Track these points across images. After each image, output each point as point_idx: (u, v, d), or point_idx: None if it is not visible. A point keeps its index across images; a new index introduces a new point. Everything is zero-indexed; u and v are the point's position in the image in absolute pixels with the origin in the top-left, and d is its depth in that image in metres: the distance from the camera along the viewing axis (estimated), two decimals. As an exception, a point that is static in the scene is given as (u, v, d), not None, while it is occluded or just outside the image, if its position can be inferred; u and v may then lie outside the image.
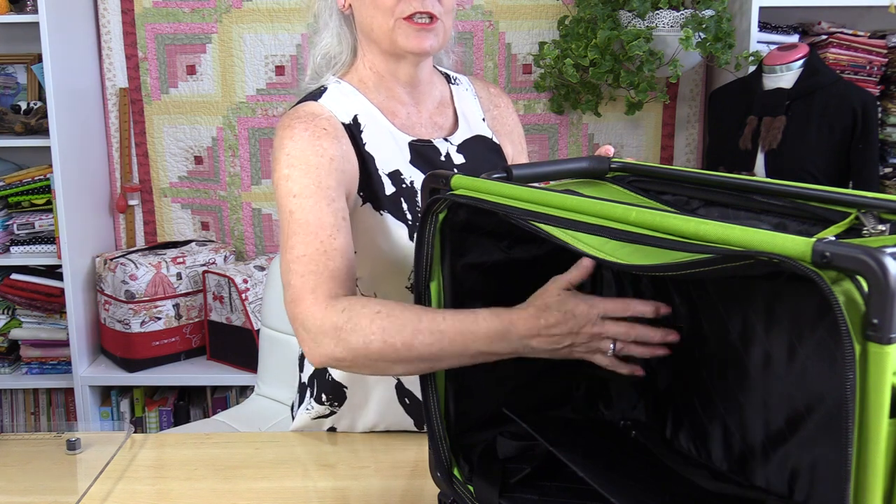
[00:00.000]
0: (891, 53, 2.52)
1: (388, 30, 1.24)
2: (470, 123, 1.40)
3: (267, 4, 2.89)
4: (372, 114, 1.30)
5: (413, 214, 1.27)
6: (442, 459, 1.02)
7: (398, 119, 1.32)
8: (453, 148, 1.35)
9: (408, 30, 1.23)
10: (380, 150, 1.28)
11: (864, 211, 0.75)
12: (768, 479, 0.87)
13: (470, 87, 1.45)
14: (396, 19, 1.23)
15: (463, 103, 1.41)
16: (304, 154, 1.18)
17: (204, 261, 2.89)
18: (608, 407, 1.10)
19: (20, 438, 1.43)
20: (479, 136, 1.39)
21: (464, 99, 1.42)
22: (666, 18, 2.47)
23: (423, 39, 1.24)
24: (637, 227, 0.74)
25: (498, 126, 1.45)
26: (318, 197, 1.16)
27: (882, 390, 0.55)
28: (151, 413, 2.92)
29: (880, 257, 0.54)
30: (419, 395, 1.34)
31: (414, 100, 1.35)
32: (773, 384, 0.84)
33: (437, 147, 1.33)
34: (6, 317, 2.95)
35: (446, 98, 1.41)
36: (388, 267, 1.28)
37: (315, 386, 1.41)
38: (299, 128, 1.21)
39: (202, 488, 1.24)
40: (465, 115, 1.40)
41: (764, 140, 2.35)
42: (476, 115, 1.42)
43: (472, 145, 1.38)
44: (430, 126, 1.36)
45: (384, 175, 1.28)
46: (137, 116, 3.00)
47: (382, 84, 1.32)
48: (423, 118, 1.35)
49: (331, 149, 1.20)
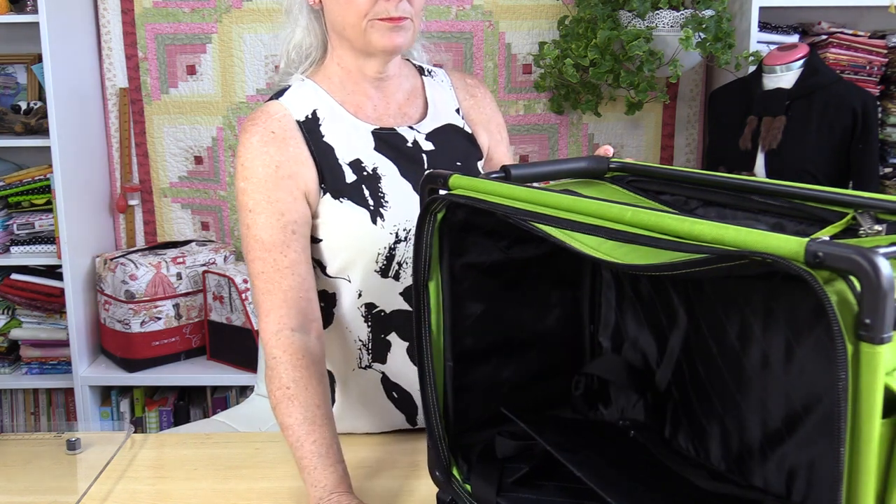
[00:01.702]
0: (891, 53, 2.52)
1: (361, 30, 1.27)
2: (441, 113, 1.42)
3: (267, 4, 2.90)
4: (332, 107, 1.34)
5: (375, 200, 1.31)
6: (441, 459, 1.02)
7: (362, 112, 1.36)
8: (421, 136, 1.37)
9: (381, 28, 1.26)
10: (339, 140, 1.32)
11: (860, 211, 0.75)
12: (766, 479, 0.87)
13: (446, 78, 1.47)
14: (369, 19, 1.26)
15: (435, 93, 1.44)
16: (254, 165, 1.27)
17: (204, 261, 2.89)
18: (607, 407, 1.10)
19: (20, 438, 1.44)
20: (451, 126, 1.42)
21: (436, 89, 1.44)
22: (666, 18, 2.47)
23: (394, 37, 1.27)
24: (632, 226, 0.74)
25: (474, 115, 1.47)
26: (269, 212, 1.26)
27: (874, 390, 0.55)
28: (151, 413, 2.92)
29: (872, 257, 0.55)
30: (406, 388, 1.35)
31: (381, 93, 1.38)
32: (771, 384, 0.84)
33: (401, 135, 1.36)
34: (6, 317, 2.95)
35: (417, 89, 1.43)
36: (355, 253, 1.31)
37: None
38: (250, 132, 1.29)
39: (202, 488, 1.24)
40: (435, 105, 1.42)
41: (764, 140, 2.35)
42: (449, 105, 1.44)
43: (443, 133, 1.40)
44: (397, 116, 1.39)
45: (344, 164, 1.31)
46: (137, 116, 3.00)
47: (349, 79, 1.36)
48: (391, 109, 1.38)
49: (277, 155, 1.28)
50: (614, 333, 1.10)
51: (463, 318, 1.02)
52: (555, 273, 1.07)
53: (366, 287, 1.33)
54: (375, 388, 1.38)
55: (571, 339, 1.12)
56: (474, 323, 1.03)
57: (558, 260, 1.06)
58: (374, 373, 1.37)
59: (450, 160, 1.38)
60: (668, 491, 0.90)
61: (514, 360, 1.07)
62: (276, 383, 1.19)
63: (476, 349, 1.04)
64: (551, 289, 1.09)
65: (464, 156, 1.40)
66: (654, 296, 1.02)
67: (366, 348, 1.36)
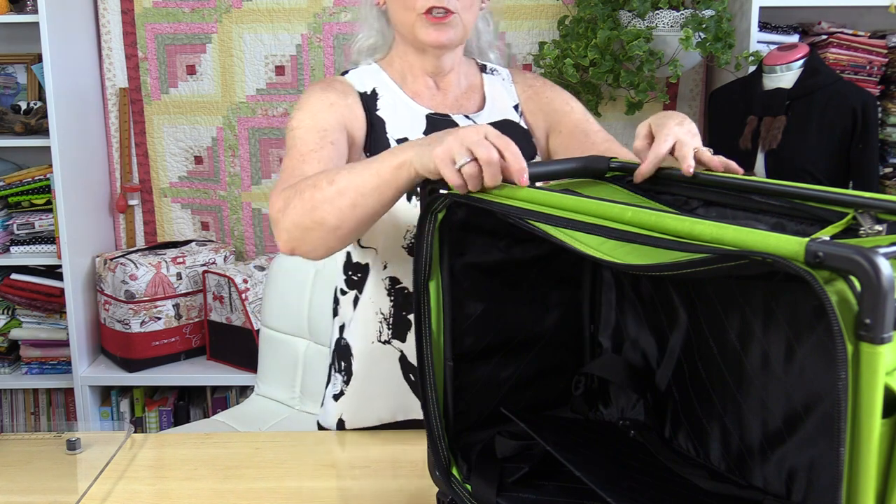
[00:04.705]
0: (891, 53, 2.52)
1: (410, 24, 1.33)
2: (498, 108, 1.43)
3: (267, 4, 2.90)
4: (392, 88, 1.39)
5: None
6: (440, 459, 1.02)
7: (419, 97, 1.40)
8: None
9: (426, 24, 1.31)
10: (393, 117, 1.36)
11: (861, 211, 0.75)
12: (766, 479, 0.87)
13: (508, 76, 1.49)
14: (417, 14, 1.31)
15: (494, 89, 1.46)
16: (310, 101, 1.33)
17: (204, 261, 2.89)
18: (607, 407, 1.10)
19: (20, 438, 1.44)
20: (508, 121, 1.43)
21: (495, 86, 1.46)
22: (666, 18, 2.47)
23: (440, 33, 1.31)
24: (633, 226, 0.74)
25: (533, 105, 1.47)
26: (310, 127, 1.29)
27: (874, 390, 0.55)
28: (151, 413, 2.92)
29: (873, 257, 0.55)
30: None
31: (439, 86, 1.42)
32: (771, 384, 0.84)
33: (455, 122, 1.38)
34: (6, 317, 2.95)
35: (476, 85, 1.46)
36: (385, 225, 1.32)
37: (335, 358, 1.45)
38: (312, 86, 1.37)
39: (202, 488, 1.24)
40: (493, 100, 1.44)
41: (764, 140, 2.35)
42: (508, 101, 1.45)
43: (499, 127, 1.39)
44: (454, 106, 1.42)
45: (392, 140, 1.34)
46: (137, 116, 3.00)
47: (410, 72, 1.41)
48: (449, 101, 1.42)
49: (333, 97, 1.33)
50: (614, 333, 1.10)
51: (463, 318, 1.02)
52: (555, 273, 1.07)
53: (392, 261, 1.34)
54: (393, 367, 1.38)
55: (571, 339, 1.12)
56: (474, 323, 1.03)
57: (558, 260, 1.06)
58: (392, 350, 1.38)
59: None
60: (668, 491, 0.90)
61: (513, 360, 1.07)
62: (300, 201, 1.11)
63: (476, 349, 1.04)
64: (551, 289, 1.09)
65: None
66: (655, 296, 1.02)
67: (386, 322, 1.37)
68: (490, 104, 1.43)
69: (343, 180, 1.08)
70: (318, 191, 1.09)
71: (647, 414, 1.04)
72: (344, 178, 1.08)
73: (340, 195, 1.07)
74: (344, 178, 1.08)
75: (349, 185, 1.07)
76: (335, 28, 2.91)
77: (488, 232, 1.02)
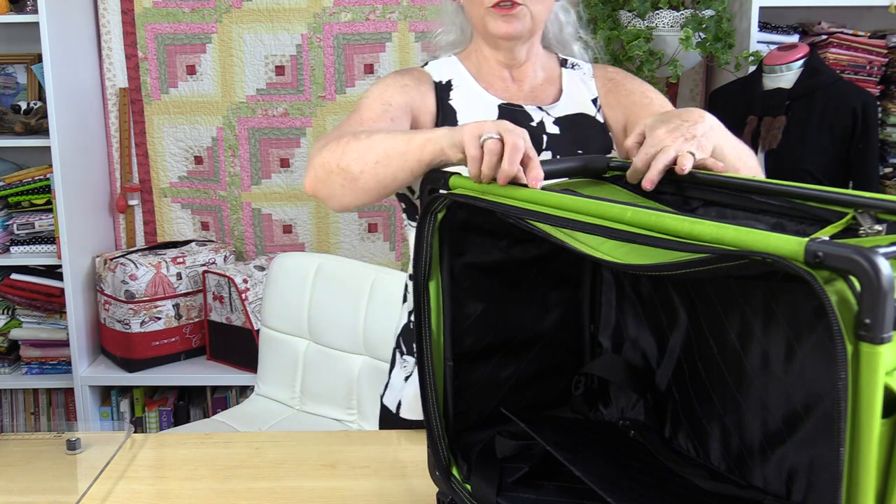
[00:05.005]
0: (891, 53, 2.52)
1: (481, 18, 1.35)
2: (574, 101, 1.43)
3: (267, 4, 2.90)
4: (466, 79, 1.43)
5: None
6: (440, 458, 1.02)
7: (493, 88, 1.42)
8: (549, 119, 1.39)
9: (495, 16, 1.33)
10: (464, 106, 1.39)
11: (861, 211, 0.75)
12: (766, 479, 0.87)
13: (589, 71, 1.49)
14: (486, 8, 1.33)
15: (571, 82, 1.46)
16: (386, 80, 1.39)
17: (204, 261, 2.89)
18: (607, 407, 1.10)
19: (20, 438, 1.44)
20: (583, 115, 1.42)
21: (574, 79, 1.46)
22: (666, 18, 2.47)
23: (508, 25, 1.33)
24: (633, 226, 0.74)
25: (612, 98, 1.45)
26: (377, 99, 1.34)
27: (874, 390, 0.55)
28: (151, 413, 2.92)
29: (872, 257, 0.55)
30: None
31: (514, 77, 1.43)
32: (771, 384, 0.84)
33: (528, 113, 1.39)
34: (6, 317, 2.95)
35: (553, 78, 1.46)
36: None
37: (403, 342, 1.46)
38: (393, 72, 1.44)
39: (202, 488, 1.24)
40: (570, 93, 1.44)
41: (764, 140, 2.35)
42: (585, 95, 1.45)
43: (572, 121, 1.41)
44: (528, 97, 1.43)
45: None
46: (137, 116, 3.00)
47: (485, 64, 1.43)
48: (523, 91, 1.43)
49: (408, 80, 1.39)
50: (614, 333, 1.10)
51: (463, 318, 1.02)
52: (555, 273, 1.07)
53: None
54: None
55: (571, 339, 1.12)
56: (474, 323, 1.03)
57: (558, 260, 1.06)
58: None
59: (571, 146, 1.38)
60: (668, 491, 0.90)
61: (513, 360, 1.07)
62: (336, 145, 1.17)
63: (476, 349, 1.04)
64: (551, 289, 1.09)
65: (587, 145, 1.40)
66: (655, 296, 1.02)
67: None
68: (566, 97, 1.43)
69: (378, 138, 1.15)
70: (354, 140, 1.16)
71: (647, 414, 1.04)
72: (380, 137, 1.15)
73: (370, 149, 1.14)
74: (380, 137, 1.15)
75: (381, 144, 1.14)
76: (335, 28, 2.91)
77: (488, 232, 1.02)
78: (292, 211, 3.05)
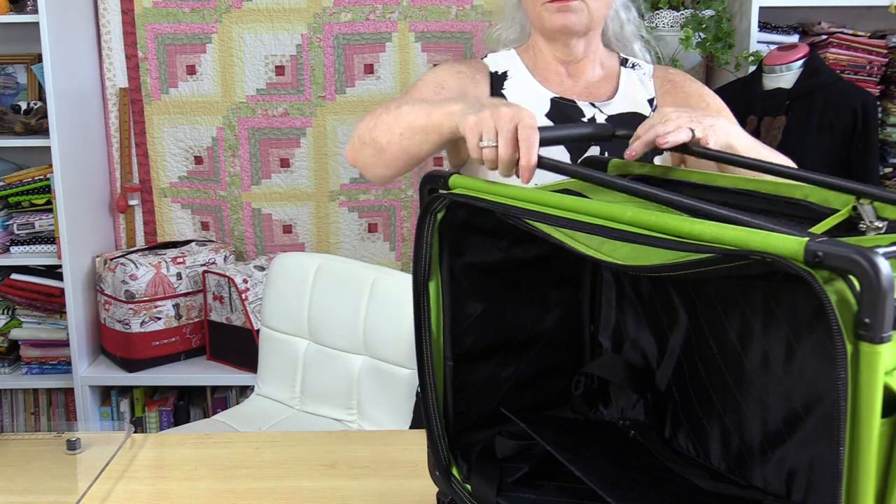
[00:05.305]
0: (891, 53, 2.52)
1: (537, 12, 1.38)
2: (629, 100, 1.43)
3: (267, 4, 2.90)
4: (522, 71, 1.45)
5: None
6: (440, 458, 1.02)
7: (548, 82, 1.43)
8: (602, 115, 1.40)
9: (550, 9, 1.35)
10: (518, 98, 1.40)
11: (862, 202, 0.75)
12: (766, 479, 0.87)
13: (649, 71, 1.49)
14: (542, 2, 1.35)
15: (629, 81, 1.46)
16: (443, 66, 1.43)
17: (204, 261, 2.89)
18: (607, 407, 1.10)
19: (20, 438, 1.44)
20: (637, 114, 1.42)
21: (631, 78, 1.46)
22: (666, 18, 2.47)
23: (564, 17, 1.35)
24: (633, 226, 0.74)
25: (669, 99, 1.45)
26: (431, 81, 1.39)
27: (874, 390, 0.55)
28: (151, 413, 2.92)
29: (872, 257, 0.54)
30: None
31: (570, 73, 1.44)
32: (771, 384, 0.84)
33: (580, 108, 1.40)
34: (6, 317, 2.95)
35: (611, 75, 1.46)
36: None
37: None
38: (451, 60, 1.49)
39: (202, 488, 1.24)
40: (626, 92, 1.44)
41: (764, 140, 2.34)
42: (641, 94, 1.45)
43: (625, 119, 1.40)
44: (583, 93, 1.43)
45: None
46: (137, 116, 3.00)
47: (542, 59, 1.46)
48: (578, 87, 1.44)
49: (463, 68, 1.43)
50: (614, 333, 1.10)
51: (463, 318, 1.02)
52: (555, 273, 1.07)
53: None
54: None
55: (571, 339, 1.12)
56: (474, 323, 1.03)
57: (558, 260, 1.06)
58: None
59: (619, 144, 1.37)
60: (668, 491, 0.90)
61: (513, 359, 1.07)
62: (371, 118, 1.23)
63: (476, 349, 1.04)
64: (551, 289, 1.09)
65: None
66: (655, 296, 1.02)
67: None
68: (621, 95, 1.43)
69: (406, 109, 1.18)
70: (386, 113, 1.20)
71: (647, 414, 1.04)
72: (408, 108, 1.18)
73: (397, 120, 1.18)
74: (407, 108, 1.18)
75: (407, 115, 1.17)
76: (335, 28, 2.91)
77: (488, 232, 1.02)
78: (292, 211, 3.05)
